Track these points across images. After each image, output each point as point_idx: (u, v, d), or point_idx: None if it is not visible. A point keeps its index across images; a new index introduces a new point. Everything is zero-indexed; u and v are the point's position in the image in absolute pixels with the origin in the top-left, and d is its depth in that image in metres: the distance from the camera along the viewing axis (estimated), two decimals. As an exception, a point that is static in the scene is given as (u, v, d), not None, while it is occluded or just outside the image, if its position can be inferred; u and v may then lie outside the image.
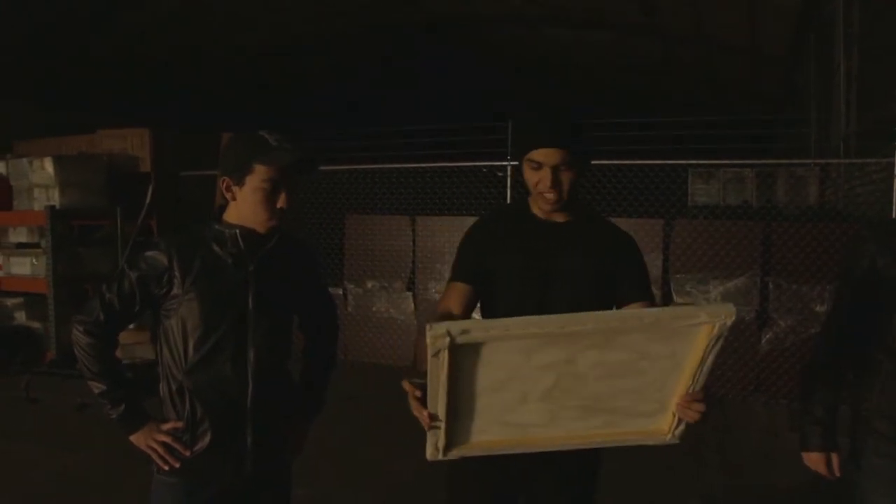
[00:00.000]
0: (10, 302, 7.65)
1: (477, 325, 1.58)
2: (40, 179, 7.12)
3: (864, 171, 6.94)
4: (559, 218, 2.21)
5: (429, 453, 1.77)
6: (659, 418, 1.81)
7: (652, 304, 2.17)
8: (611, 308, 2.20)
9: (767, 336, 6.45)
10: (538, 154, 2.07)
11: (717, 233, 6.62)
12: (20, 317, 7.62)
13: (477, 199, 8.13)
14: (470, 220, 2.36)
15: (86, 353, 2.20)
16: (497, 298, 2.20)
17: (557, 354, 1.64)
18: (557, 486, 2.24)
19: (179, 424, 2.19)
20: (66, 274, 7.15)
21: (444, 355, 1.57)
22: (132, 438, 2.23)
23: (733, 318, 1.58)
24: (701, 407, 1.73)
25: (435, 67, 14.44)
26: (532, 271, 2.16)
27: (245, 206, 2.16)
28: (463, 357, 1.60)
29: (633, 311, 1.63)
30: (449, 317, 2.08)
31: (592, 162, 6.91)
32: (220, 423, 2.19)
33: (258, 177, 2.11)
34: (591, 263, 2.17)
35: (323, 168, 7.86)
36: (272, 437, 2.29)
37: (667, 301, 6.76)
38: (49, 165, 7.08)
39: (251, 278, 2.20)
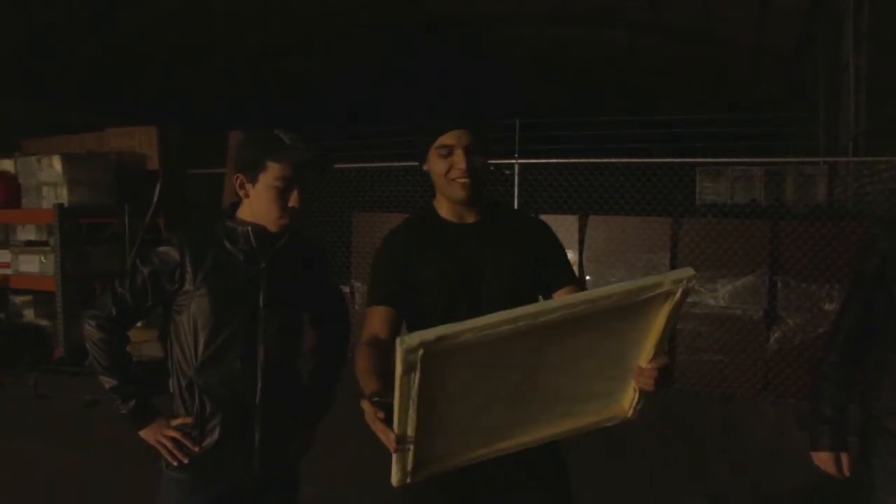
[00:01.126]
0: (18, 299, 7.67)
1: (451, 330, 1.49)
2: (49, 177, 7.14)
3: (874, 170, 6.91)
4: (470, 218, 2.20)
5: (396, 479, 1.67)
6: (619, 396, 1.78)
7: (579, 286, 2.17)
8: (535, 298, 2.17)
9: (776, 335, 6.42)
10: (448, 137, 2.06)
11: (725, 231, 6.59)
12: (29, 314, 7.65)
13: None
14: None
15: (97, 348, 2.21)
16: (426, 312, 2.13)
17: (525, 347, 1.59)
18: (523, 484, 2.19)
19: (189, 420, 2.20)
20: (74, 272, 7.16)
21: (417, 371, 1.48)
22: (142, 433, 2.24)
23: (694, 281, 1.58)
24: (658, 373, 1.69)
25: (438, 67, 14.43)
26: (458, 279, 2.13)
27: (258, 203, 2.18)
28: (433, 369, 1.52)
29: (601, 290, 1.56)
30: (376, 341, 2.01)
31: (598, 160, 6.98)
32: (229, 419, 2.19)
33: (271, 175, 2.13)
34: (513, 259, 2.16)
35: (330, 166, 7.86)
36: (280, 434, 2.29)
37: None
38: (57, 164, 7.10)
39: (262, 275, 2.21)
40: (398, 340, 1.46)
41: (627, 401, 1.77)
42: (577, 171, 7.21)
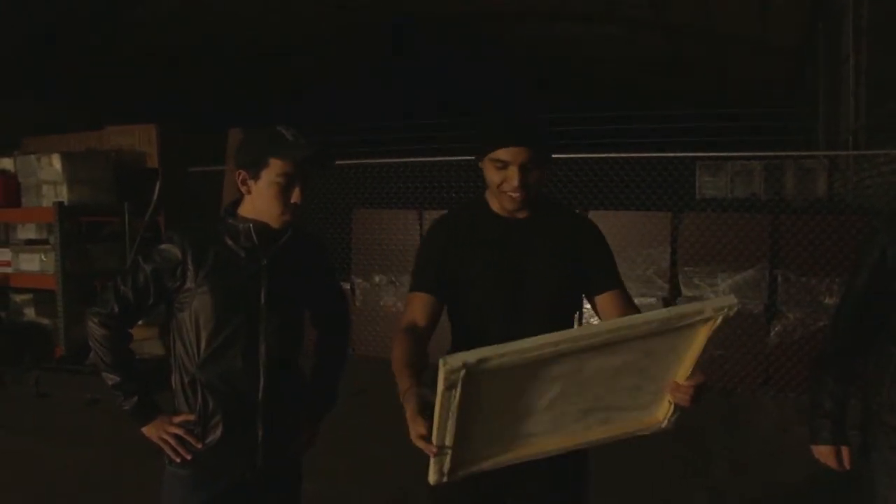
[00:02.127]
0: (19, 298, 7.67)
1: (493, 353, 1.54)
2: (48, 176, 7.14)
3: (874, 164, 6.90)
4: (521, 214, 2.19)
5: (432, 480, 1.74)
6: (654, 408, 1.82)
7: (623, 290, 2.17)
8: (579, 299, 2.23)
9: (776, 329, 6.42)
10: (504, 153, 2.05)
11: (726, 225, 6.59)
12: (29, 313, 7.65)
13: (484, 193, 8.11)
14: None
15: (100, 345, 2.22)
16: (467, 304, 2.17)
17: (566, 367, 1.63)
18: (548, 487, 2.21)
19: (191, 417, 2.21)
20: (75, 270, 7.16)
21: (458, 388, 1.55)
22: (144, 430, 2.25)
23: (736, 308, 1.60)
24: (694, 390, 1.77)
25: (440, 63, 14.42)
26: (501, 273, 2.14)
27: (260, 199, 2.19)
28: (474, 386, 1.57)
29: (642, 317, 1.61)
30: (414, 329, 2.07)
31: (598, 156, 6.97)
32: (232, 416, 2.20)
33: (273, 171, 2.13)
34: (559, 258, 2.16)
35: (330, 163, 7.86)
36: (283, 431, 2.30)
37: (674, 293, 6.75)
38: (57, 162, 7.09)
39: (264, 273, 2.22)
40: (441, 361, 1.52)
41: (662, 412, 1.83)
42: (576, 167, 7.20)
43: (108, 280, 2.27)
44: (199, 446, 2.21)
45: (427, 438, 1.65)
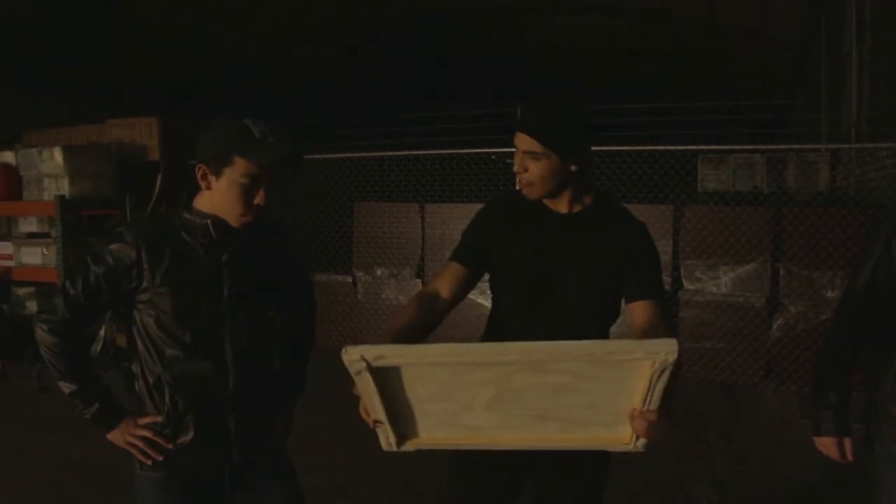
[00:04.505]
0: (21, 291, 7.67)
1: (391, 352, 1.57)
2: (50, 169, 7.13)
3: (876, 157, 6.89)
4: (564, 208, 2.12)
5: (383, 445, 1.82)
6: (618, 428, 1.76)
7: (657, 302, 2.05)
8: (616, 305, 2.16)
9: (778, 322, 6.42)
10: (515, 138, 2.03)
11: (727, 218, 6.59)
12: (31, 306, 7.65)
13: (486, 186, 8.11)
14: (478, 208, 2.30)
15: (52, 353, 2.11)
16: (497, 289, 2.17)
17: (489, 375, 1.62)
18: (565, 478, 2.21)
19: (158, 419, 2.13)
20: (76, 264, 7.16)
21: (366, 374, 1.60)
22: (109, 437, 2.18)
23: (675, 355, 1.52)
24: (650, 424, 1.66)
25: (438, 57, 14.39)
26: (535, 267, 2.10)
27: (219, 197, 2.05)
28: (388, 375, 1.61)
29: (565, 345, 1.56)
30: (433, 298, 2.08)
31: (599, 148, 6.96)
32: (203, 414, 2.12)
33: (238, 171, 1.99)
34: (597, 259, 2.08)
35: (331, 156, 7.86)
36: (257, 423, 2.23)
37: (676, 287, 6.75)
38: (58, 155, 7.09)
39: (225, 269, 2.10)
40: (343, 350, 1.58)
41: (627, 435, 1.77)
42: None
43: (62, 280, 2.20)
44: (170, 447, 2.13)
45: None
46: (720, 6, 11.44)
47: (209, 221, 2.08)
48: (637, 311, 2.05)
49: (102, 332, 6.96)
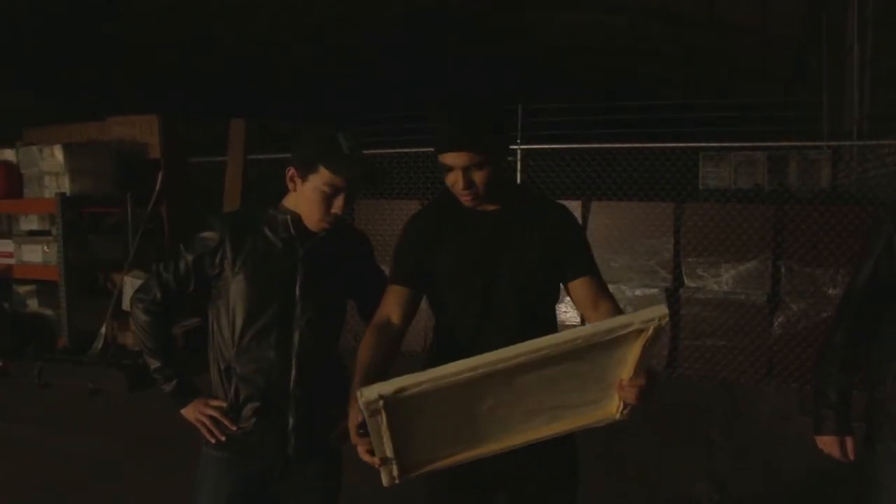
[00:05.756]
0: (22, 289, 7.68)
1: (409, 382, 1.57)
2: (50, 167, 7.14)
3: (877, 154, 6.89)
4: (491, 206, 2.15)
5: (385, 482, 1.79)
6: (605, 402, 1.79)
7: (595, 277, 2.13)
8: (556, 287, 2.20)
9: (779, 320, 6.41)
10: (446, 157, 2.02)
11: (729, 216, 6.58)
12: (32, 304, 7.67)
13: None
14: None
15: (143, 331, 2.28)
16: (443, 297, 2.17)
17: (493, 381, 1.63)
18: (538, 485, 2.22)
19: (223, 405, 2.26)
20: (77, 261, 7.18)
21: (382, 414, 1.59)
22: (183, 412, 2.31)
23: (666, 318, 1.58)
24: (640, 389, 1.72)
25: (437, 53, 14.38)
26: (474, 266, 2.12)
27: (303, 200, 2.20)
28: (400, 409, 1.60)
29: (566, 334, 1.59)
30: (386, 326, 2.07)
31: (600, 146, 6.96)
32: (264, 405, 2.24)
33: (321, 179, 2.13)
34: (532, 249, 2.13)
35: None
36: (316, 419, 2.31)
37: (677, 284, 6.75)
38: (59, 153, 7.10)
39: (300, 264, 2.23)
40: (358, 393, 1.57)
41: (615, 406, 1.79)
42: (579, 157, 7.19)
43: (157, 264, 2.32)
44: (234, 429, 2.25)
45: (372, 453, 1.72)
46: (721, 4, 11.44)
47: (289, 217, 2.23)
48: (578, 288, 2.13)
49: (103, 330, 6.97)
